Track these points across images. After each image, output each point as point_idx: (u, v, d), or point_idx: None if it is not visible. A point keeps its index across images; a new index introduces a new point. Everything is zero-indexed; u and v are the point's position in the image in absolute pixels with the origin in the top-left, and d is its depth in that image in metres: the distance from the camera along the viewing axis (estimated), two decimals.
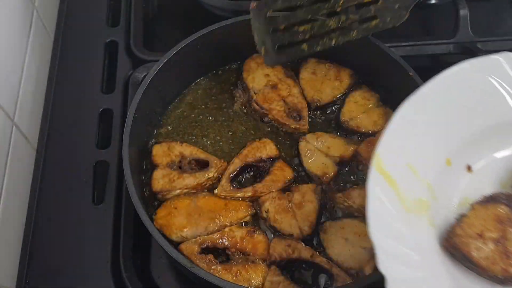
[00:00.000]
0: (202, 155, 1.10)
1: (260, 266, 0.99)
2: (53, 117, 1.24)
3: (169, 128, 1.18)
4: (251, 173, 1.12)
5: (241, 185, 1.10)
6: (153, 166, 1.09)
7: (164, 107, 1.20)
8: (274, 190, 1.07)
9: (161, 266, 1.10)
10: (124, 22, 1.40)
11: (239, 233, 1.01)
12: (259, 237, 1.02)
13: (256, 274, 0.97)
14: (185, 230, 1.01)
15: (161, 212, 1.03)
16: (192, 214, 1.02)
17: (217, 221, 1.03)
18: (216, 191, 1.07)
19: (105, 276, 1.05)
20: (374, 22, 1.04)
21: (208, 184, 1.08)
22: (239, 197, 1.07)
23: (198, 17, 1.51)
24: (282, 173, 1.10)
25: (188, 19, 1.52)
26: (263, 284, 0.97)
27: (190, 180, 1.06)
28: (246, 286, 0.95)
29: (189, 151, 1.10)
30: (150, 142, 1.15)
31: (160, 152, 1.10)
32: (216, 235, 1.00)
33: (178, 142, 1.12)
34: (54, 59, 1.33)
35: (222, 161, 1.09)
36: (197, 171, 1.08)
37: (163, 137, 1.16)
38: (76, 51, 1.35)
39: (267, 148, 1.13)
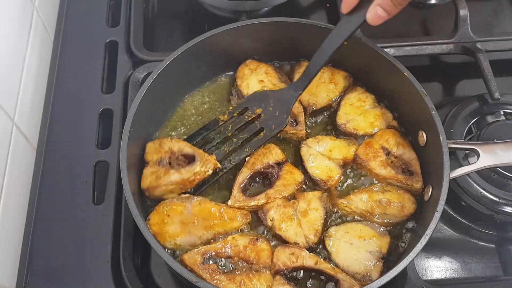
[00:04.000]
0: (189, 149, 1.06)
1: (264, 275, 0.97)
2: (53, 117, 1.24)
3: (169, 130, 1.19)
4: (260, 181, 1.12)
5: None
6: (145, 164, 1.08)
7: (164, 109, 1.19)
8: (286, 194, 1.07)
9: (161, 266, 1.10)
10: (124, 22, 1.40)
11: (242, 241, 1.00)
12: (262, 245, 1.00)
13: (261, 283, 0.96)
14: (179, 238, 1.00)
15: (154, 218, 1.02)
16: (186, 223, 1.01)
17: (212, 230, 1.01)
18: (229, 202, 1.06)
19: (105, 276, 1.05)
20: (261, 134, 1.11)
21: (197, 180, 1.04)
22: (253, 205, 1.06)
23: (198, 17, 1.51)
24: (292, 176, 1.09)
25: (188, 19, 1.52)
26: None
27: (175, 176, 1.03)
28: None
29: (177, 146, 1.07)
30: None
31: (151, 150, 1.08)
32: (218, 244, 0.99)
33: (169, 138, 1.09)
34: (54, 59, 1.33)
35: (208, 155, 1.05)
36: (184, 166, 1.05)
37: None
38: (76, 51, 1.35)
39: (273, 153, 1.12)
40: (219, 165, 1.06)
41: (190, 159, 1.05)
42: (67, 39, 1.37)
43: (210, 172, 1.04)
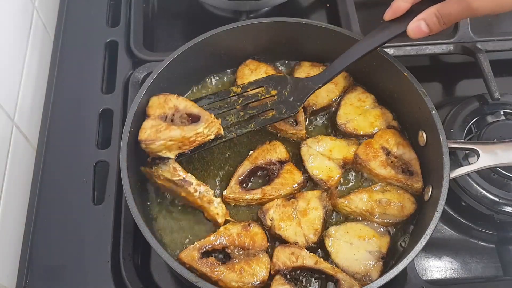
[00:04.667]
0: (195, 109, 1.05)
1: (262, 258, 0.98)
2: (53, 117, 1.24)
3: None
4: (261, 176, 1.12)
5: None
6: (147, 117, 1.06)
7: None
8: (282, 193, 1.07)
9: (161, 266, 1.11)
10: (124, 22, 1.40)
11: (234, 229, 1.01)
12: (254, 229, 1.02)
13: (260, 267, 0.97)
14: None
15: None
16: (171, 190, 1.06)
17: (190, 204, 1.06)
18: (225, 192, 1.07)
19: (105, 276, 1.05)
20: (270, 114, 1.09)
21: (197, 142, 1.02)
22: (248, 199, 1.07)
23: (198, 17, 1.51)
24: (291, 176, 1.09)
25: (188, 19, 1.53)
26: (269, 276, 0.97)
27: (176, 132, 1.00)
28: (253, 281, 0.95)
29: (184, 105, 1.05)
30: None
31: (155, 104, 1.05)
32: (212, 237, 1.00)
33: (175, 95, 1.07)
34: (54, 59, 1.33)
35: (214, 117, 1.04)
36: (187, 124, 1.03)
37: None
38: (76, 51, 1.35)
39: (277, 151, 1.12)
40: (222, 131, 1.04)
41: (194, 120, 1.04)
42: (67, 39, 1.37)
43: (212, 136, 1.03)
